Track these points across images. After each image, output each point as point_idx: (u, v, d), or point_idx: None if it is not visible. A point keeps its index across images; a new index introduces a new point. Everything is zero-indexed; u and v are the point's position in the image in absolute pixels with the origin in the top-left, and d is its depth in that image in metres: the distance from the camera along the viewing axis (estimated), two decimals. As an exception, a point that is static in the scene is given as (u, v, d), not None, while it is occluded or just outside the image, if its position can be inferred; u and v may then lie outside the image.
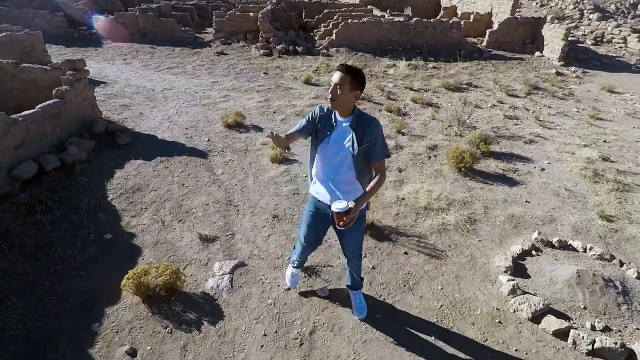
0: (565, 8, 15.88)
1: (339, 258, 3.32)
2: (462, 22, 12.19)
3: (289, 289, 3.03)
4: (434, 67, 10.29)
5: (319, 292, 3.00)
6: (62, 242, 3.37)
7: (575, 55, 11.71)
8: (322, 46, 11.30)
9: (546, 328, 2.75)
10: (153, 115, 6.35)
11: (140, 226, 3.71)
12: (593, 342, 2.58)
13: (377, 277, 3.20)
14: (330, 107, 2.20)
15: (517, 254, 3.44)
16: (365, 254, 3.39)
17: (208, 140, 5.56)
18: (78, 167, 4.46)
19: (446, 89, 8.57)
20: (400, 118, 6.69)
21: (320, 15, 13.36)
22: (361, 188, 2.27)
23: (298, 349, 2.58)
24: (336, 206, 2.03)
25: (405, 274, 3.25)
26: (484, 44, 12.40)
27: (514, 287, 3.02)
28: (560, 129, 6.72)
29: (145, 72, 8.86)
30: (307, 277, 3.14)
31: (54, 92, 4.83)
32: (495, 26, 12.54)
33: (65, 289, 2.93)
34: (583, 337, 2.62)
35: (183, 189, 4.34)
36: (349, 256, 2.61)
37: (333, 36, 11.40)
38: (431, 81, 9.14)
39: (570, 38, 12.05)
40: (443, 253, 3.52)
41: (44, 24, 11.14)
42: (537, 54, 11.86)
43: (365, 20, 11.43)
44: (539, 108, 7.72)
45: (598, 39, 13.57)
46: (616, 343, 2.55)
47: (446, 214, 4.03)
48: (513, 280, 3.11)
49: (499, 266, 3.31)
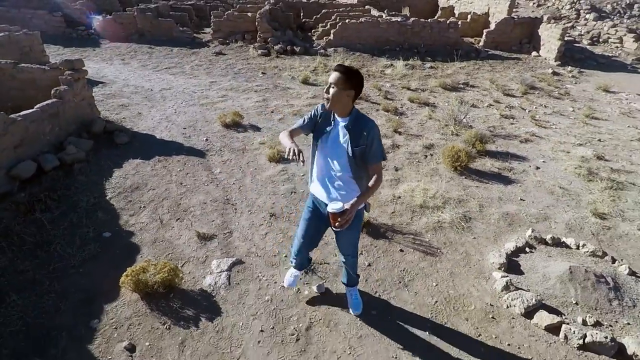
0: (562, 8, 15.97)
1: (335, 255, 3.36)
2: (460, 22, 12.25)
3: (284, 286, 3.07)
4: (431, 67, 10.34)
5: (316, 289, 3.04)
6: (62, 240, 3.40)
7: (571, 55, 11.78)
8: (320, 46, 11.34)
9: (538, 323, 2.79)
10: (151, 115, 6.38)
11: (138, 224, 3.74)
12: (584, 337, 2.63)
13: (373, 274, 3.25)
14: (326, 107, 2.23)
15: (511, 251, 3.49)
16: (361, 252, 3.44)
17: (206, 139, 5.60)
18: (77, 167, 4.50)
19: (443, 89, 8.62)
20: (397, 117, 6.74)
21: (318, 15, 13.40)
22: (358, 189, 2.27)
23: (294, 345, 2.62)
24: (332, 207, 2.05)
25: (400, 271, 3.29)
26: (481, 44, 12.47)
27: (508, 284, 3.07)
28: (555, 128, 6.77)
29: (143, 72, 8.88)
30: (304, 274, 3.18)
31: (53, 92, 4.86)
32: (492, 26, 12.61)
33: (64, 286, 2.97)
34: (574, 332, 2.67)
35: (181, 188, 4.38)
36: (345, 254, 2.64)
37: (331, 36, 11.45)
38: (428, 81, 9.19)
39: (566, 38, 12.13)
40: (438, 250, 3.57)
41: (42, 24, 11.14)
42: (534, 54, 11.93)
43: (363, 20, 11.48)
44: (535, 107, 7.78)
45: (594, 39, 13.66)
46: (606, 337, 2.60)
47: (441, 212, 4.07)
48: (507, 276, 3.16)
49: (493, 263, 3.36)
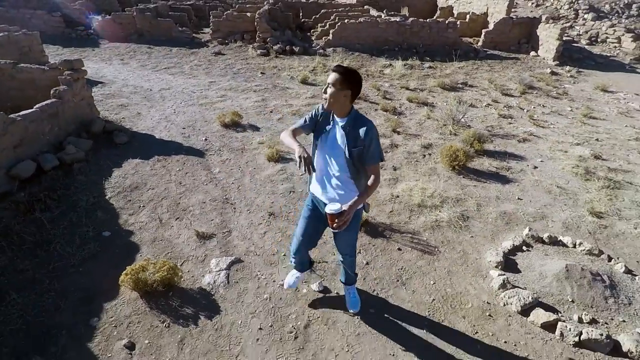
0: (560, 8, 16.00)
1: (334, 254, 3.38)
2: (458, 22, 12.28)
3: (283, 283, 3.09)
4: (430, 67, 10.36)
5: (314, 288, 3.06)
6: (61, 240, 3.42)
7: (570, 54, 11.82)
8: (319, 46, 11.36)
9: (535, 321, 2.82)
10: (151, 115, 6.40)
11: (138, 224, 3.76)
12: (580, 334, 2.66)
13: (371, 273, 3.27)
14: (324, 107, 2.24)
15: (508, 250, 3.51)
16: (359, 250, 3.46)
17: (205, 139, 5.62)
18: (76, 166, 4.51)
19: (442, 89, 8.64)
20: (395, 117, 6.76)
21: (317, 15, 13.42)
22: (356, 189, 2.27)
23: (293, 342, 2.64)
24: (329, 208, 2.06)
25: (398, 270, 3.31)
26: (480, 44, 12.49)
27: (504, 282, 3.09)
28: (553, 128, 6.80)
29: (142, 72, 8.90)
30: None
31: (52, 92, 4.87)
32: (490, 26, 12.63)
33: (64, 285, 2.99)
34: (570, 329, 2.69)
35: (180, 188, 4.39)
36: (343, 254, 2.66)
37: (330, 36, 11.47)
38: (427, 81, 9.21)
39: (565, 38, 12.15)
40: (436, 249, 3.59)
41: (41, 24, 11.15)
42: (532, 54, 11.96)
43: (362, 20, 11.50)
44: (533, 107, 7.81)
45: (593, 39, 13.69)
46: (602, 334, 2.63)
47: (439, 211, 4.10)
48: (503, 274, 3.19)
49: (490, 261, 3.38)
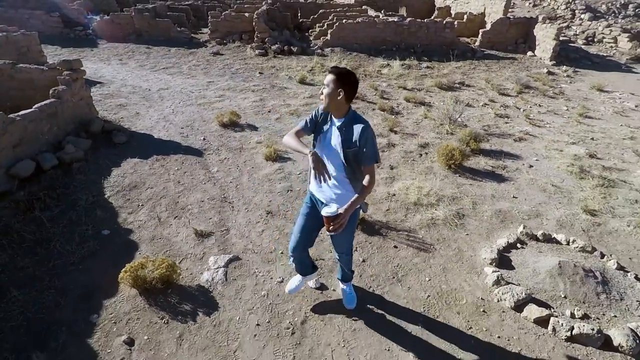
0: (557, 8, 16.09)
1: (330, 252, 3.43)
2: (456, 22, 12.34)
3: (280, 280, 3.14)
4: (428, 67, 10.41)
5: (311, 284, 3.10)
6: (61, 238, 3.46)
7: (566, 54, 11.88)
8: (317, 46, 11.41)
9: (528, 316, 2.87)
10: (149, 114, 6.43)
11: (137, 222, 3.80)
12: (571, 329, 2.71)
13: (367, 270, 3.31)
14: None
15: (503, 247, 3.56)
16: (356, 248, 3.50)
17: (203, 139, 5.65)
18: (75, 166, 4.55)
19: (439, 88, 8.69)
20: (393, 117, 6.80)
21: (315, 15, 13.47)
22: (352, 190, 2.28)
23: (290, 338, 2.68)
24: (326, 211, 2.09)
25: (394, 267, 3.36)
26: (477, 44, 12.54)
27: (499, 278, 3.14)
28: (549, 127, 6.86)
29: (141, 72, 8.92)
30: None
31: (51, 92, 4.90)
32: (488, 26, 12.69)
33: (64, 283, 3.02)
34: (562, 324, 2.74)
35: (179, 187, 4.43)
36: (340, 252, 2.70)
37: (328, 36, 11.51)
38: (424, 80, 9.26)
39: (561, 38, 12.23)
40: (431, 246, 3.64)
41: (40, 25, 11.17)
42: (529, 54, 12.02)
43: (359, 20, 11.55)
44: (530, 107, 7.86)
45: (589, 39, 13.77)
46: (593, 329, 2.68)
47: (435, 209, 4.14)
48: (498, 271, 3.23)
49: (485, 258, 3.43)
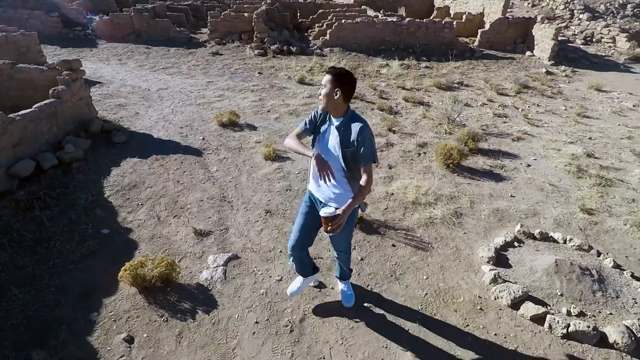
0: (556, 8, 16.12)
1: (329, 250, 3.45)
2: (455, 22, 12.37)
3: (279, 279, 3.16)
4: (427, 67, 10.44)
5: (310, 283, 3.12)
6: (61, 237, 3.47)
7: (565, 54, 11.91)
8: (316, 46, 11.43)
9: (524, 314, 2.89)
10: (148, 114, 6.45)
11: (136, 221, 3.82)
12: (567, 326, 2.73)
13: (366, 268, 3.34)
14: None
15: (500, 246, 3.58)
16: (354, 247, 3.53)
17: (203, 138, 5.67)
18: (75, 165, 4.56)
19: (438, 88, 8.72)
20: (391, 116, 6.83)
21: (314, 15, 13.49)
22: (351, 189, 2.28)
23: (288, 335, 2.70)
24: (324, 211, 2.11)
25: (392, 265, 3.38)
26: (476, 44, 12.58)
27: (496, 276, 3.16)
28: (547, 127, 6.88)
29: (140, 72, 8.94)
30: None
31: (51, 92, 4.92)
32: (486, 26, 12.72)
33: (64, 281, 3.04)
34: (558, 322, 2.76)
35: (178, 186, 4.45)
36: (338, 251, 2.72)
37: (327, 36, 11.53)
38: (423, 80, 9.29)
39: (560, 38, 12.27)
40: (429, 245, 3.66)
41: (39, 25, 11.17)
42: (528, 54, 12.06)
43: (358, 20, 11.57)
44: (528, 106, 7.89)
45: (588, 39, 13.81)
46: (589, 327, 2.70)
47: (433, 208, 4.17)
48: (495, 269, 3.26)
49: (482, 257, 3.45)
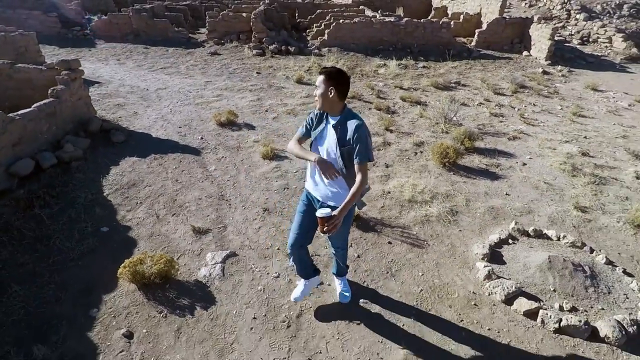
0: (553, 8, 16.20)
1: (326, 248, 3.50)
2: (452, 22, 12.44)
3: (276, 275, 3.20)
4: (424, 67, 10.50)
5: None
6: (60, 235, 3.51)
7: (561, 54, 11.99)
8: (314, 46, 11.47)
9: (518, 309, 2.94)
10: (147, 114, 6.48)
11: (135, 220, 3.85)
12: (560, 321, 2.78)
13: (362, 265, 3.38)
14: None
15: (495, 243, 3.63)
16: (351, 244, 3.57)
17: (201, 138, 5.71)
18: (74, 164, 4.60)
19: (435, 88, 8.77)
20: (389, 116, 6.88)
21: (312, 15, 13.53)
22: (348, 188, 2.29)
23: (285, 331, 2.75)
24: (320, 212, 2.14)
25: (388, 262, 3.43)
26: (473, 44, 12.64)
27: (490, 273, 3.21)
28: (543, 126, 6.94)
29: (139, 72, 8.97)
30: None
31: (50, 92, 4.95)
32: (484, 26, 12.79)
33: (64, 278, 3.08)
34: (551, 317, 2.81)
35: (177, 185, 4.49)
36: (335, 247, 2.76)
37: (325, 36, 11.58)
38: (421, 80, 9.34)
39: (557, 38, 12.33)
40: (425, 242, 3.71)
41: (37, 25, 11.18)
42: (525, 54, 12.12)
43: (356, 20, 11.62)
44: (525, 106, 7.95)
45: (584, 39, 13.88)
46: (580, 321, 2.75)
47: (429, 206, 4.22)
48: (489, 266, 3.31)
49: (477, 254, 3.50)
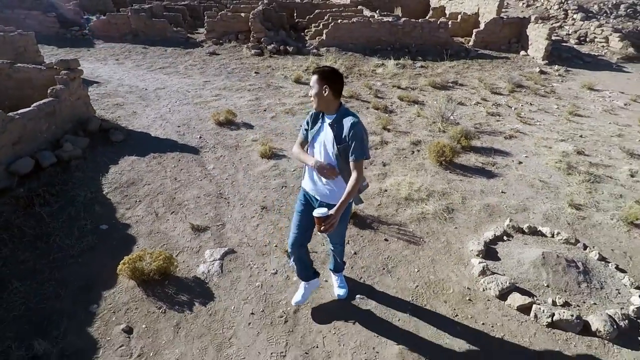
0: (550, 8, 16.27)
1: (323, 245, 3.54)
2: (450, 22, 12.48)
3: (274, 272, 3.25)
4: (422, 66, 10.55)
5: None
6: (60, 233, 3.55)
7: (559, 54, 12.04)
8: (313, 46, 11.51)
9: (511, 304, 2.99)
10: (146, 113, 6.52)
11: (134, 218, 3.89)
12: (552, 315, 2.83)
13: (359, 262, 3.43)
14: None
15: (490, 239, 3.68)
16: (347, 241, 3.61)
17: (200, 137, 5.75)
18: (74, 163, 4.63)
19: (432, 87, 8.82)
20: (386, 115, 6.92)
21: (311, 15, 13.57)
22: (344, 186, 2.30)
23: (283, 326, 2.79)
24: (317, 212, 2.18)
25: (384, 259, 3.47)
26: (471, 44, 12.69)
27: (484, 269, 3.26)
28: (539, 125, 7.00)
29: (137, 72, 9.00)
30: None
31: (49, 91, 4.98)
32: (481, 26, 12.84)
33: (64, 275, 3.12)
34: (544, 311, 2.86)
35: (175, 183, 4.53)
36: (333, 243, 2.80)
37: (323, 36, 11.62)
38: (418, 80, 9.39)
39: (554, 37, 12.40)
40: (421, 239, 3.76)
41: (36, 25, 11.19)
42: (522, 53, 12.18)
43: (355, 20, 11.66)
44: (521, 105, 8.00)
45: (581, 39, 13.95)
46: (572, 315, 2.80)
47: (425, 204, 4.26)
48: (484, 262, 3.35)
49: (472, 250, 3.55)
